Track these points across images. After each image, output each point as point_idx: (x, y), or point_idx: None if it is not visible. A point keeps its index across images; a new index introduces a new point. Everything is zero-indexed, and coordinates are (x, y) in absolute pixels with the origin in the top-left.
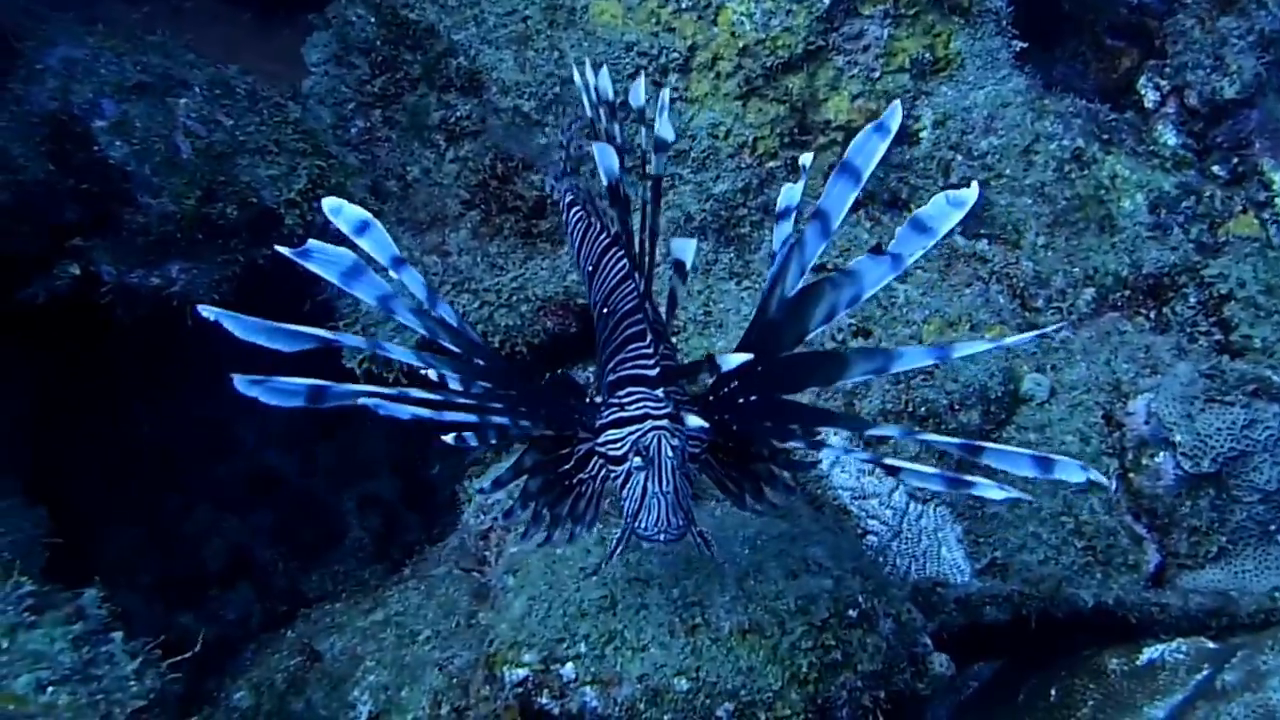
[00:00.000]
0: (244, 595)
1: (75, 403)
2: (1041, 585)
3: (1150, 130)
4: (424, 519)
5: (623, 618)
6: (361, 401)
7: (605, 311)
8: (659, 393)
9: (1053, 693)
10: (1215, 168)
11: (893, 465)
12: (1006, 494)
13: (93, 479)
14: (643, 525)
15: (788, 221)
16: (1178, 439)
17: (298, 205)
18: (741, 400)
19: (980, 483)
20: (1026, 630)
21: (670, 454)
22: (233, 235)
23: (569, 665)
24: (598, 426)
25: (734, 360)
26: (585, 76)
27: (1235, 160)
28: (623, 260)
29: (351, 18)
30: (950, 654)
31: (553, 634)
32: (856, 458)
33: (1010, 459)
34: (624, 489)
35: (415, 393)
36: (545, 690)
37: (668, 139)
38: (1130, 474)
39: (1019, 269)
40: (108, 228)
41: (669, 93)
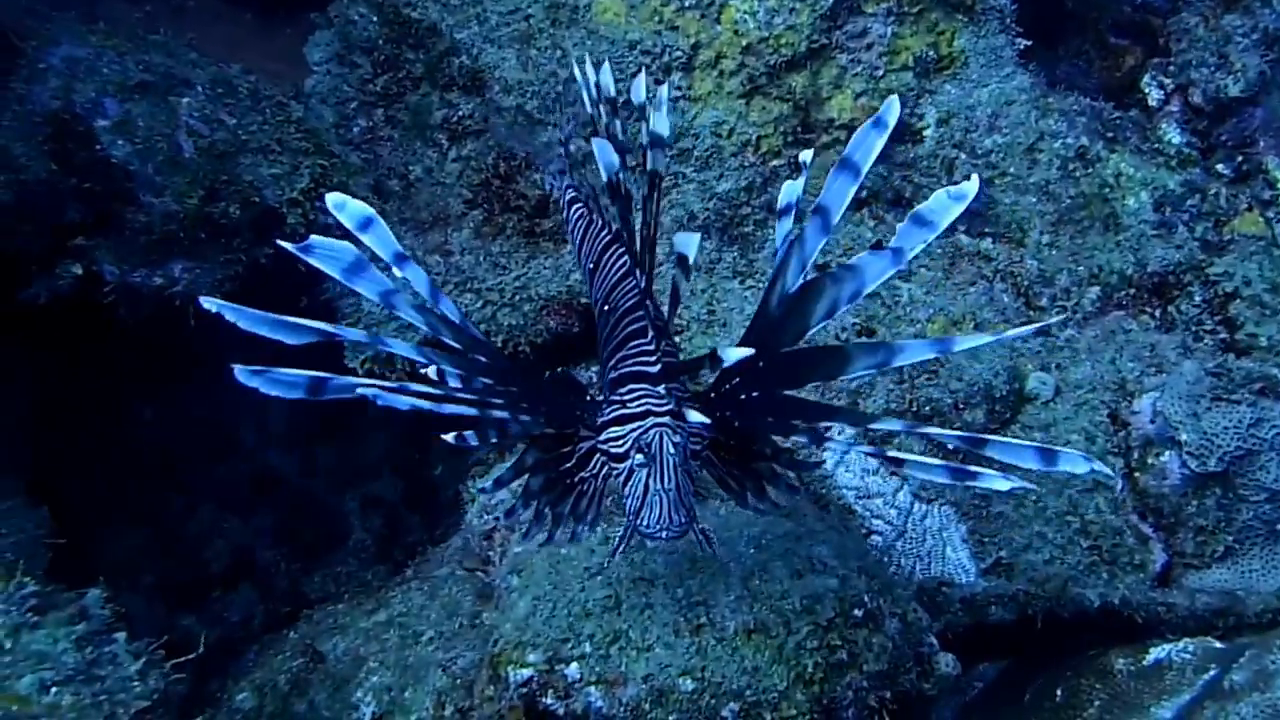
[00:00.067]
0: (246, 596)
1: (76, 403)
2: (1047, 585)
3: (1154, 129)
4: (426, 520)
5: (627, 617)
6: (360, 391)
7: (606, 309)
8: (660, 389)
9: (1059, 693)
10: (1220, 166)
11: (897, 458)
12: (1012, 484)
13: (94, 480)
14: (645, 523)
15: (789, 218)
16: (1184, 438)
17: (300, 204)
18: (743, 397)
19: (985, 473)
20: (1032, 630)
21: (672, 451)
22: (235, 234)
23: (574, 665)
24: (599, 424)
25: (735, 354)
26: (585, 73)
27: (1240, 159)
28: (624, 257)
29: (354, 16)
30: (955, 654)
31: (557, 634)
32: (860, 451)
33: (1014, 451)
34: (626, 486)
35: (415, 386)
36: (550, 690)
37: (663, 134)
38: (1136, 473)
39: (1023, 267)
40: (110, 227)
41: (667, 89)
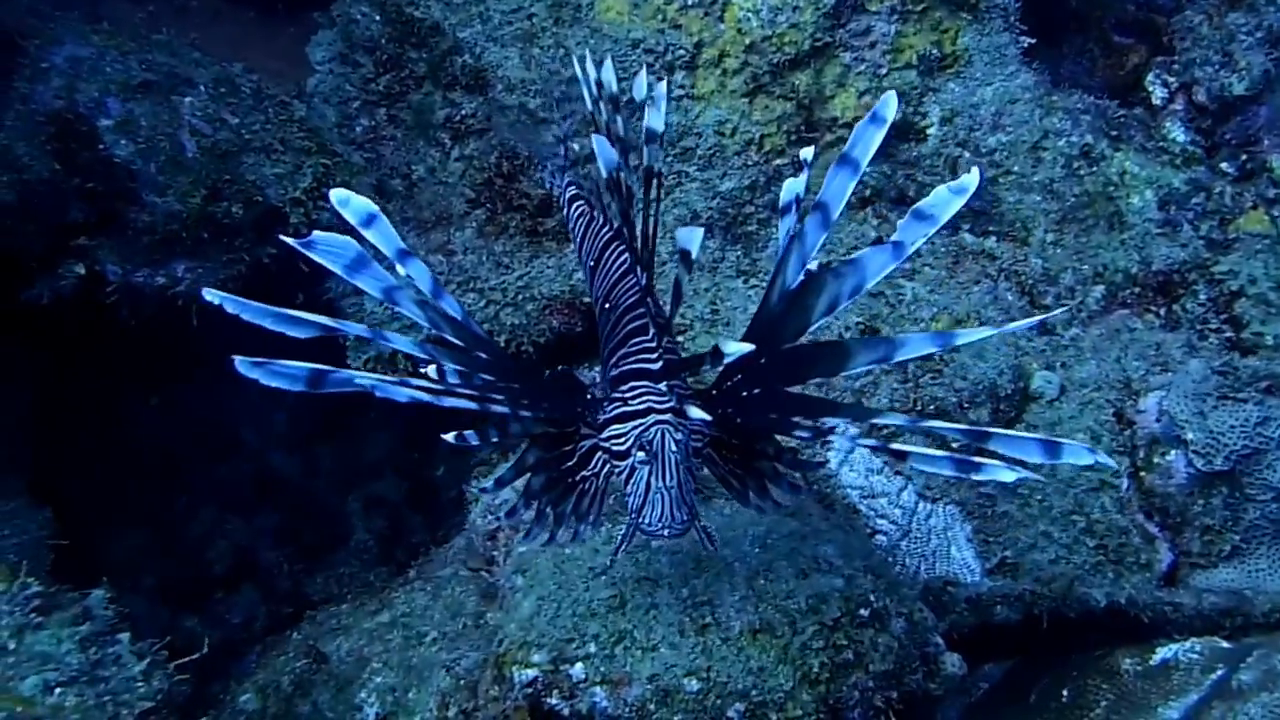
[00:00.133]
0: (248, 597)
1: (78, 403)
2: (1053, 584)
3: (1158, 127)
4: (429, 520)
5: (632, 617)
6: (359, 381)
7: (607, 306)
8: (662, 386)
9: (1065, 693)
10: (1224, 165)
11: (901, 450)
12: (1017, 474)
13: (95, 480)
14: (647, 520)
15: (792, 216)
16: (1190, 437)
17: (303, 204)
18: (745, 393)
19: (990, 465)
20: (1038, 630)
21: (674, 448)
22: (238, 234)
23: (578, 665)
24: (601, 421)
25: (735, 348)
26: (585, 70)
27: (1244, 157)
28: (625, 254)
29: (356, 16)
30: (960, 654)
31: (562, 634)
32: (864, 445)
33: (1017, 444)
34: (628, 484)
35: (416, 381)
36: (555, 691)
37: (657, 130)
38: (1142, 472)
39: (1027, 266)
40: (113, 227)
41: (665, 85)
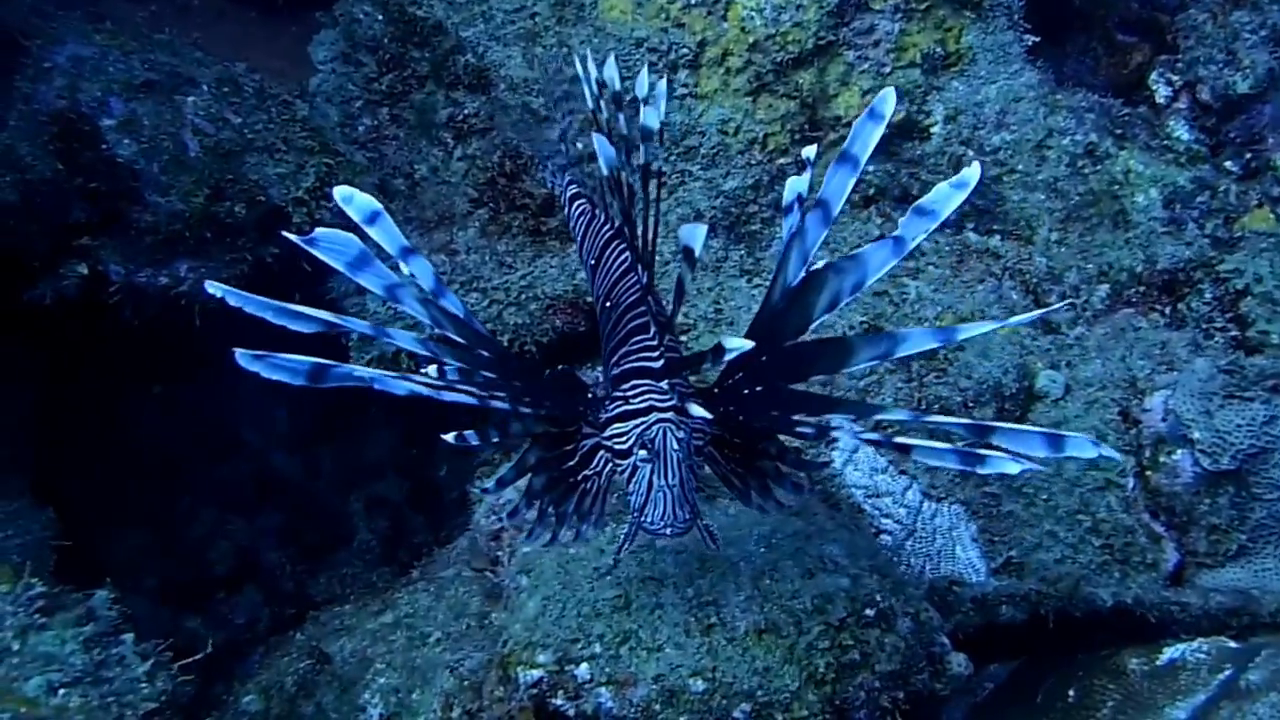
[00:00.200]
0: (251, 599)
1: (79, 403)
2: (1059, 584)
3: (1162, 126)
4: (431, 521)
5: (637, 617)
6: (359, 374)
7: (609, 305)
8: (663, 385)
9: (1071, 693)
10: (1228, 163)
11: (905, 444)
12: (1022, 465)
13: (97, 480)
14: (649, 519)
15: (795, 215)
16: (1196, 436)
17: (305, 203)
18: (747, 391)
19: (994, 456)
20: (1043, 630)
21: (675, 447)
22: (241, 234)
23: (584, 666)
24: (602, 420)
25: (735, 343)
26: (586, 69)
27: (1248, 155)
28: (626, 252)
29: (359, 15)
30: (966, 654)
31: (567, 634)
32: (866, 438)
33: (1021, 438)
34: (630, 483)
35: (417, 377)
36: (560, 691)
37: (652, 127)
38: (1148, 471)
39: (1032, 265)
40: (116, 227)
41: (665, 83)
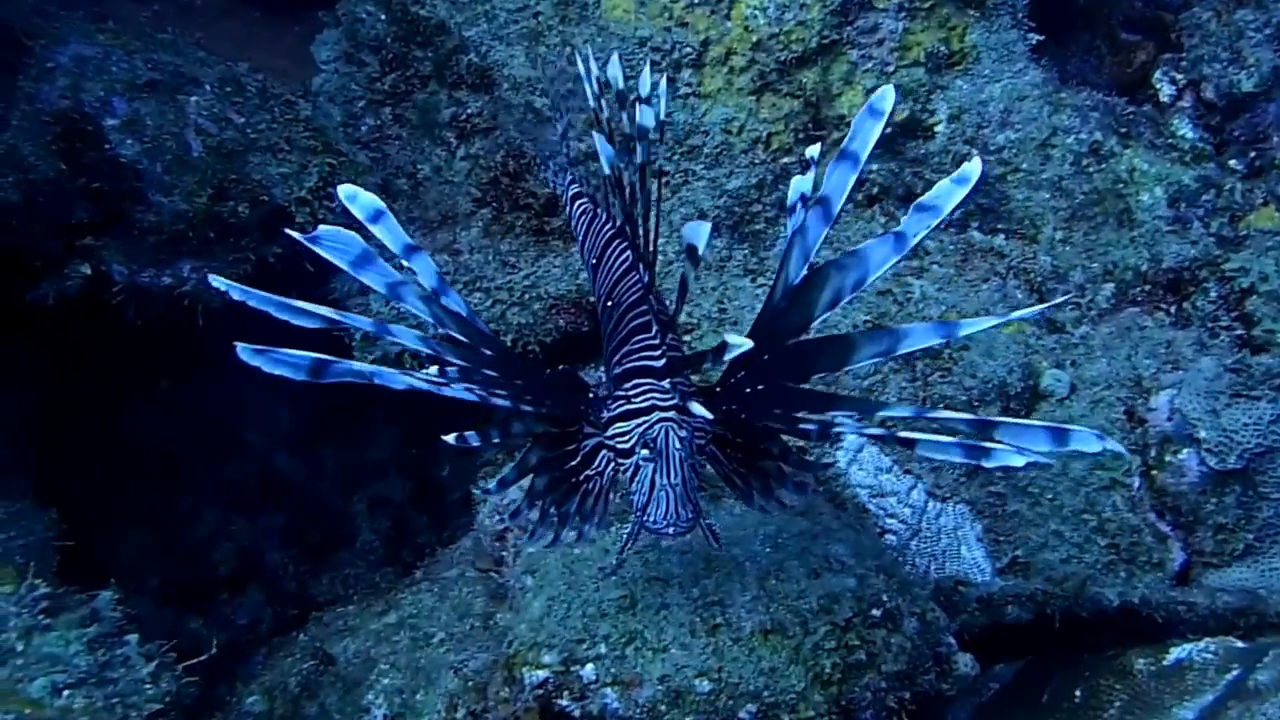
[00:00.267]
0: (254, 599)
1: (81, 404)
2: (1066, 584)
3: (1167, 124)
4: (434, 521)
5: (643, 618)
6: (358, 369)
7: (610, 304)
8: (665, 384)
9: (1078, 693)
10: (1233, 162)
11: (909, 439)
12: (1027, 457)
13: (99, 481)
14: (651, 518)
15: (799, 214)
16: (1202, 435)
17: (308, 203)
18: (749, 390)
19: (999, 449)
20: (1049, 630)
21: (678, 446)
22: (244, 234)
23: (589, 666)
24: (605, 420)
25: (736, 341)
26: (588, 66)
27: (1253, 154)
28: (627, 251)
29: (361, 15)
30: (971, 655)
31: (572, 635)
32: (869, 432)
33: (1025, 433)
34: (632, 482)
35: (418, 373)
36: (565, 692)
37: (648, 126)
38: (1154, 471)
39: (1036, 264)
40: (119, 227)
41: (664, 82)
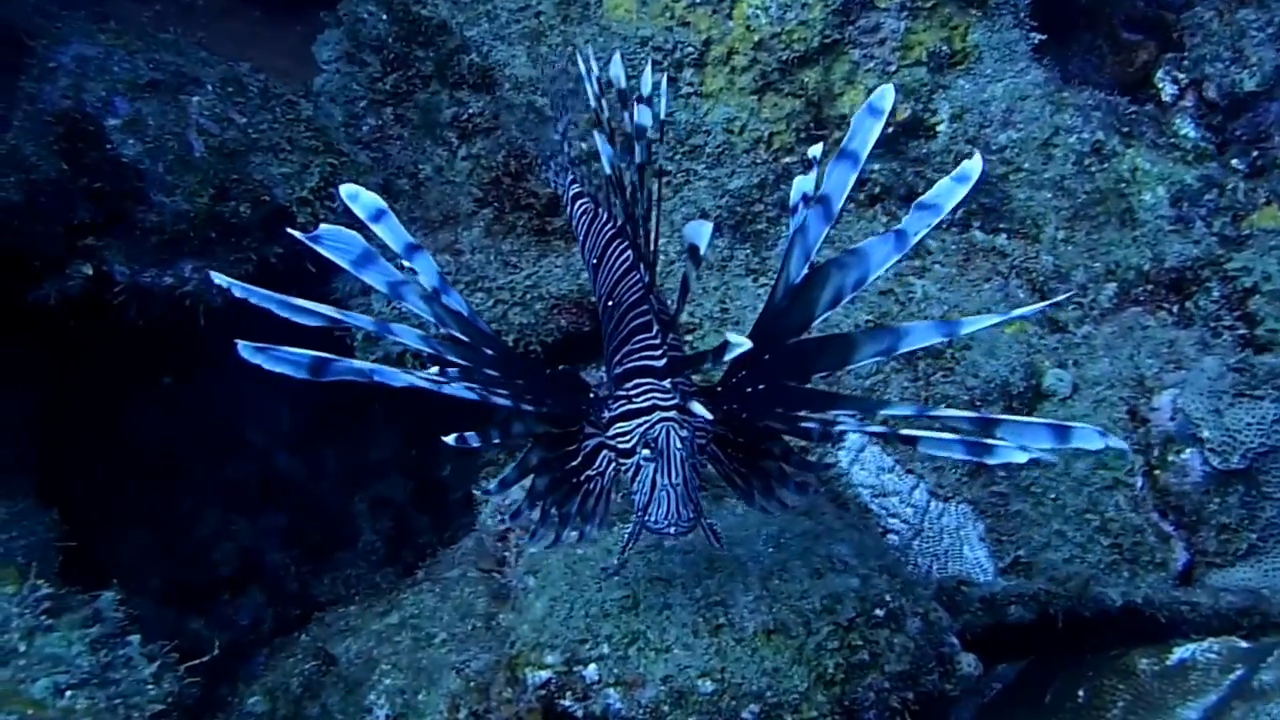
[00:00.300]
0: (255, 599)
1: (82, 404)
2: (1069, 584)
3: (1169, 124)
4: (436, 521)
5: (645, 618)
6: (358, 366)
7: (610, 304)
8: (666, 384)
9: (1080, 694)
10: (1235, 161)
11: (911, 436)
12: (1029, 454)
13: (100, 481)
14: (653, 518)
15: (801, 214)
16: (1206, 435)
17: (310, 203)
18: (751, 389)
19: (1001, 446)
20: (1051, 630)
21: (679, 445)
22: (245, 234)
23: (592, 667)
24: (605, 420)
25: (737, 340)
26: (589, 66)
27: (1255, 153)
28: (628, 251)
29: (363, 15)
30: (974, 655)
31: (575, 635)
32: (871, 429)
33: (1026, 430)
34: (633, 482)
35: (419, 373)
36: (568, 692)
37: (645, 125)
38: (1156, 470)
39: (1038, 263)
40: (120, 227)
41: (664, 81)
